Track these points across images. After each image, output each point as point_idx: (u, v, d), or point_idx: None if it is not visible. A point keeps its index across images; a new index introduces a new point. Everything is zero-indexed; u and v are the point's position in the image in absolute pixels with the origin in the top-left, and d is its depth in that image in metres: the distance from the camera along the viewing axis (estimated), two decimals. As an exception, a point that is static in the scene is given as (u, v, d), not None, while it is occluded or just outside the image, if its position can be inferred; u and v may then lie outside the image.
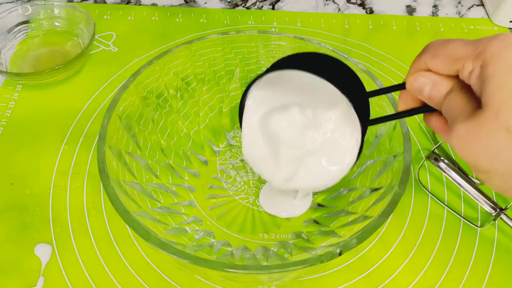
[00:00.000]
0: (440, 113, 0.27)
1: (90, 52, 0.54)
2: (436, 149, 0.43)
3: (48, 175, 0.43)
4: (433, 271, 0.38)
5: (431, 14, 0.62)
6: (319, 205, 0.41)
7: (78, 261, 0.38)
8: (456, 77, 0.25)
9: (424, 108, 0.28)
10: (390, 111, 0.35)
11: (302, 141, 0.33)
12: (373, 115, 0.39)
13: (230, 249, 0.37)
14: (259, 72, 0.44)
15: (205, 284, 0.37)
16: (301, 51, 0.33)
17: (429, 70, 0.26)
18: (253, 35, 0.41)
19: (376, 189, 0.35)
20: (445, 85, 0.25)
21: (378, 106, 0.37)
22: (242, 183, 0.43)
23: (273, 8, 0.62)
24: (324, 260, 0.28)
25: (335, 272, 0.38)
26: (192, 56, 0.41)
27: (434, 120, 0.27)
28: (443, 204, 0.42)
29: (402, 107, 0.29)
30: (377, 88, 0.35)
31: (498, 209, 0.40)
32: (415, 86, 0.26)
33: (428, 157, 0.43)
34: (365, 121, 0.31)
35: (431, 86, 0.26)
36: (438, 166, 0.42)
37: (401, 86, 0.28)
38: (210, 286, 0.37)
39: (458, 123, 0.23)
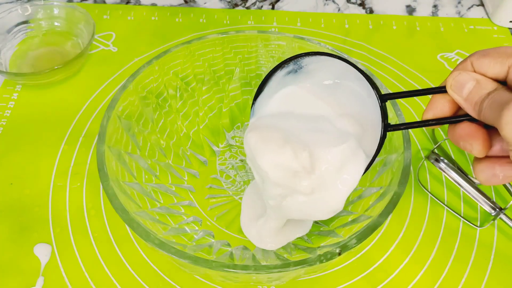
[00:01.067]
0: (467, 122, 0.26)
1: (90, 52, 0.54)
2: (436, 149, 0.43)
3: (48, 175, 0.43)
4: (433, 270, 0.38)
5: (431, 14, 0.62)
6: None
7: (78, 261, 0.38)
8: (500, 82, 0.25)
9: (453, 118, 0.27)
10: (393, 114, 0.35)
11: (291, 184, 0.30)
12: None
13: (229, 249, 0.37)
14: (259, 73, 0.44)
15: (205, 284, 0.37)
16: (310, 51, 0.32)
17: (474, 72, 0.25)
18: (253, 35, 0.41)
19: (376, 189, 0.35)
20: (489, 86, 0.25)
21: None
22: (241, 183, 0.43)
23: (273, 8, 0.62)
24: (323, 260, 0.28)
25: (334, 272, 0.38)
26: (192, 56, 0.41)
27: (462, 127, 0.26)
28: (442, 204, 0.42)
29: (429, 115, 0.28)
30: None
31: (497, 209, 0.40)
32: (457, 80, 0.25)
33: (428, 157, 0.43)
34: (385, 127, 0.29)
35: (473, 84, 0.25)
36: (438, 166, 0.42)
37: (436, 90, 0.27)
38: (210, 286, 0.37)
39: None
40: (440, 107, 0.27)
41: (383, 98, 0.29)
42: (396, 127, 0.29)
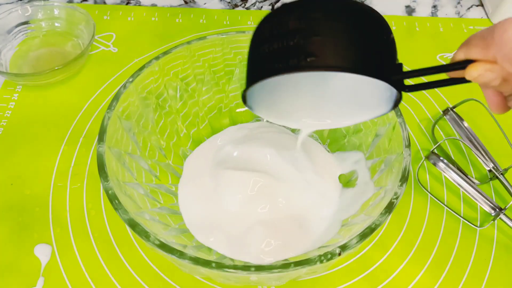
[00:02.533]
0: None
1: (90, 53, 0.54)
2: (435, 149, 0.43)
3: (48, 176, 0.43)
4: (433, 271, 0.38)
5: (431, 14, 0.62)
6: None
7: (78, 261, 0.38)
8: None
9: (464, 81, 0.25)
10: (392, 115, 0.35)
11: None
12: (378, 121, 0.39)
13: (229, 249, 0.37)
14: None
15: (205, 284, 0.37)
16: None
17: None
18: (252, 36, 0.41)
19: (376, 189, 0.35)
20: None
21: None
22: (241, 183, 0.43)
23: (273, 9, 0.62)
24: (323, 260, 0.28)
25: (334, 272, 0.38)
26: (192, 57, 0.41)
27: (492, 94, 0.25)
28: (442, 204, 0.42)
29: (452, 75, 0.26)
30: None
31: (497, 209, 0.40)
32: (480, 81, 0.24)
33: (427, 157, 0.43)
34: (400, 86, 0.27)
35: (499, 82, 0.23)
36: (438, 166, 0.42)
37: (453, 67, 0.25)
38: (210, 286, 0.37)
39: None
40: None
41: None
42: (415, 88, 0.27)
